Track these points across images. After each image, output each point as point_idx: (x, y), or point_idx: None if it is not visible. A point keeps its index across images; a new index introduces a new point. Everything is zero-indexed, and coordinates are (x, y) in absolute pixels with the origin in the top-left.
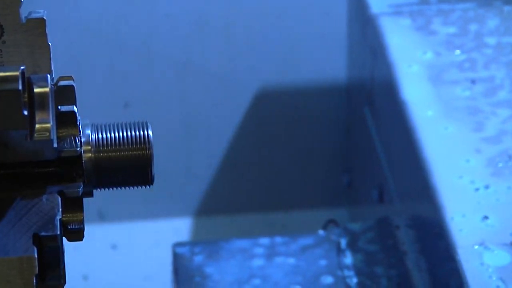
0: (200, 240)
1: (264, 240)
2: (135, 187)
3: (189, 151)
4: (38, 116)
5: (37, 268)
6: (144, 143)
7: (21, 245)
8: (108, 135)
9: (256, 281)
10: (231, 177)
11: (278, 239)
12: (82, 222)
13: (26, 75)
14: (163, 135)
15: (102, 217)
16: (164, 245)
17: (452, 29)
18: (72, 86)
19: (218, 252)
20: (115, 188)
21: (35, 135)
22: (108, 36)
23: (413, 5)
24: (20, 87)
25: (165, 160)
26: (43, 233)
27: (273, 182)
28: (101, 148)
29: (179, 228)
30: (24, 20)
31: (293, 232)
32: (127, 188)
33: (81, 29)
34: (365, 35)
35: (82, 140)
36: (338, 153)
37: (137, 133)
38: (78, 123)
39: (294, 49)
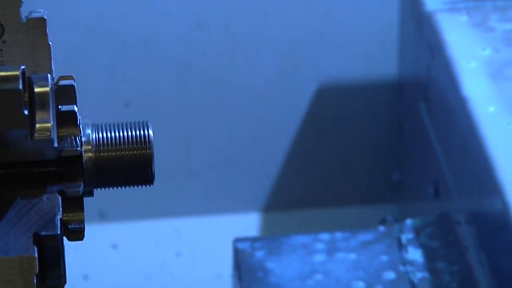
0: (261, 235)
1: (324, 236)
2: (136, 187)
3: (190, 150)
4: (39, 115)
5: (37, 268)
6: (144, 143)
7: (21, 245)
8: (109, 134)
9: (318, 277)
10: (232, 176)
11: (338, 235)
12: (82, 222)
13: (27, 74)
14: (164, 135)
15: (103, 217)
16: (165, 244)
17: (509, 26)
18: (73, 85)
19: (279, 248)
20: (115, 188)
21: (36, 134)
22: (108, 35)
23: (468, 2)
24: (21, 87)
25: (166, 160)
26: (43, 233)
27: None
28: (101, 147)
29: (180, 227)
30: (24, 20)
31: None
32: (127, 187)
33: (81, 29)
34: (421, 32)
35: (83, 139)
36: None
37: (138, 132)
38: (78, 122)
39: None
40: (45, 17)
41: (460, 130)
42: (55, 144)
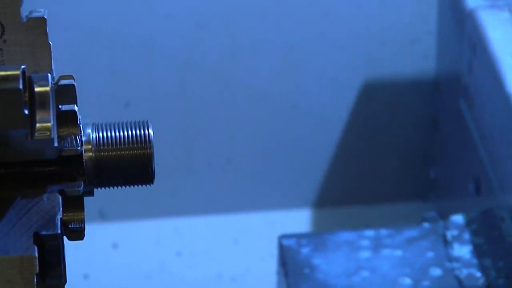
0: (306, 232)
1: (369, 232)
2: (136, 186)
3: (190, 150)
4: (39, 115)
5: (37, 267)
6: (144, 142)
7: (21, 244)
8: (109, 134)
9: (364, 273)
10: (232, 176)
11: (383, 231)
12: (82, 221)
13: (27, 74)
14: (164, 134)
15: (103, 216)
16: (165, 244)
17: None
18: (73, 85)
19: (324, 244)
20: (115, 187)
21: (36, 134)
22: (109, 35)
23: None
24: (21, 86)
25: (166, 159)
26: (43, 232)
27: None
28: (101, 147)
29: (180, 227)
30: (24, 19)
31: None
32: (128, 187)
33: (82, 28)
34: (462, 30)
35: (83, 139)
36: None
37: (138, 132)
38: (78, 122)
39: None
40: (45, 17)
41: (504, 126)
42: (55, 144)
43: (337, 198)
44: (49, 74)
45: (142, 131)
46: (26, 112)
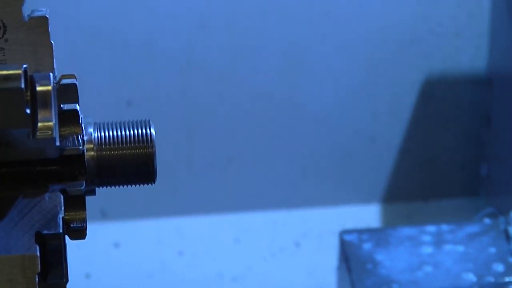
0: (367, 227)
1: (431, 228)
2: (138, 186)
3: (191, 149)
4: (41, 114)
5: (39, 267)
6: (146, 142)
7: (23, 244)
8: (111, 133)
9: (428, 268)
10: (233, 175)
11: (444, 227)
12: (84, 221)
13: (29, 73)
14: (166, 133)
15: (105, 216)
16: (167, 243)
17: None
18: (75, 84)
19: (386, 240)
20: (117, 186)
21: (38, 133)
22: (110, 34)
23: None
24: (23, 86)
25: (168, 158)
26: (45, 232)
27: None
28: (103, 146)
29: (182, 226)
30: (26, 18)
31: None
32: (129, 186)
33: (83, 28)
34: None
35: (85, 138)
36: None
37: (140, 131)
38: (80, 121)
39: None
40: (47, 16)
41: None
42: (57, 143)
43: (345, 197)
44: (51, 73)
45: (143, 131)
46: (28, 111)
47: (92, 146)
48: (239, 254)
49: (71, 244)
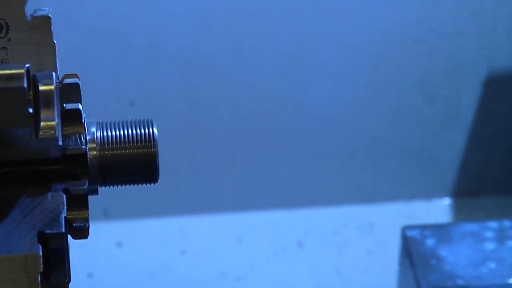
0: (429, 223)
1: (493, 224)
2: (140, 185)
3: (194, 149)
4: (43, 114)
5: (42, 266)
6: (149, 141)
7: (26, 243)
8: (113, 133)
9: (491, 264)
10: (236, 175)
11: (506, 223)
12: (87, 220)
13: (31, 72)
14: (168, 133)
15: (107, 215)
16: (169, 243)
17: None
18: (77, 84)
19: (448, 235)
20: (120, 186)
21: (40, 133)
22: (113, 34)
23: None
24: (25, 85)
25: (170, 158)
26: (48, 231)
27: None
28: (106, 146)
29: (184, 225)
30: (29, 18)
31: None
32: (132, 185)
33: (86, 27)
34: None
35: (87, 138)
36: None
37: (142, 131)
38: (83, 121)
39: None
40: (50, 15)
41: None
42: (60, 142)
43: (348, 197)
44: (53, 73)
45: (146, 130)
46: (31, 110)
47: (94, 145)
48: (241, 254)
49: (73, 244)
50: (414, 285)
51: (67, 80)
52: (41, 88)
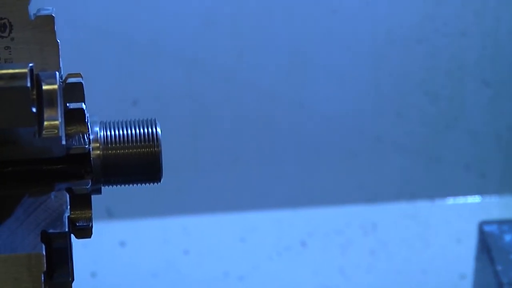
0: (507, 218)
1: None
2: (144, 184)
3: (197, 148)
4: (47, 113)
5: (45, 265)
6: (152, 141)
7: (29, 242)
8: (117, 132)
9: None
10: (239, 174)
11: None
12: (90, 219)
13: (35, 72)
14: (172, 132)
15: (111, 214)
16: (173, 242)
17: None
18: (81, 83)
19: None
20: (123, 185)
21: (44, 132)
22: (116, 33)
23: None
24: (29, 84)
25: (174, 157)
26: (51, 230)
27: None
28: (109, 145)
29: (188, 225)
30: (32, 17)
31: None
32: (135, 185)
33: (89, 27)
34: None
35: (91, 137)
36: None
37: (146, 130)
38: (86, 120)
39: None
40: (53, 15)
41: None
42: (63, 142)
43: (351, 196)
44: (57, 72)
45: (149, 129)
46: (34, 110)
47: (98, 145)
48: (245, 253)
49: (77, 243)
50: (494, 280)
51: (70, 80)
52: (45, 87)
